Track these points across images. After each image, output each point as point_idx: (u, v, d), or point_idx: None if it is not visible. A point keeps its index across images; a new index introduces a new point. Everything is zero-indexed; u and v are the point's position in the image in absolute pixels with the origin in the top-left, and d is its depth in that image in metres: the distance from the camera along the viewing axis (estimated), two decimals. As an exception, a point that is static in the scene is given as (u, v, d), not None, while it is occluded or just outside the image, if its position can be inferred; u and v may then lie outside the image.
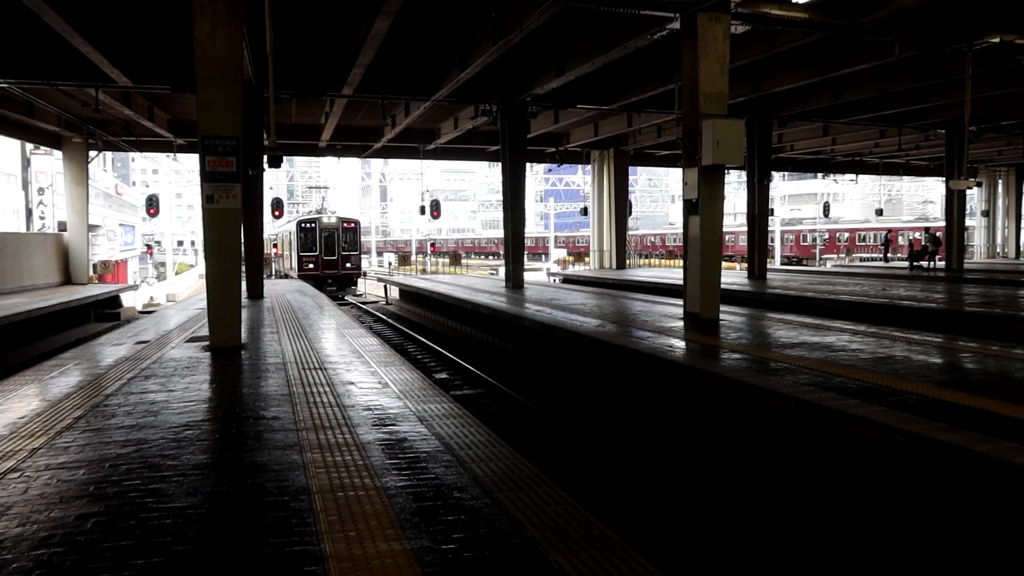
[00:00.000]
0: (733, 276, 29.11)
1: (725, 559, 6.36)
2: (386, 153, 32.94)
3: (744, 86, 21.16)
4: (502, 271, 25.08)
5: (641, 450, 9.47)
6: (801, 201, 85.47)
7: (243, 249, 18.00)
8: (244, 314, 14.41)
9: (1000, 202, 44.97)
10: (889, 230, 50.10)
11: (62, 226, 30.19)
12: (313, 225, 36.12)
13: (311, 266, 35.50)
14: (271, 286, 26.49)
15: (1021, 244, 44.18)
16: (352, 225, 37.00)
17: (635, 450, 9.49)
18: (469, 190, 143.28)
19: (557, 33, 16.81)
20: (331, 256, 36.11)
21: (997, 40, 15.48)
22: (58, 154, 28.02)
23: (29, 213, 34.71)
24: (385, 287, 34.87)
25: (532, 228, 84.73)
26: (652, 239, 77.70)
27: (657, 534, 6.88)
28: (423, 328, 24.27)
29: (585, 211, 37.01)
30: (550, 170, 69.95)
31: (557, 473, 8.56)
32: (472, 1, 14.94)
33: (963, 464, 5.70)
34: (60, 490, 4.72)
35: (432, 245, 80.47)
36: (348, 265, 36.37)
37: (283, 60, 15.29)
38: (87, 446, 5.73)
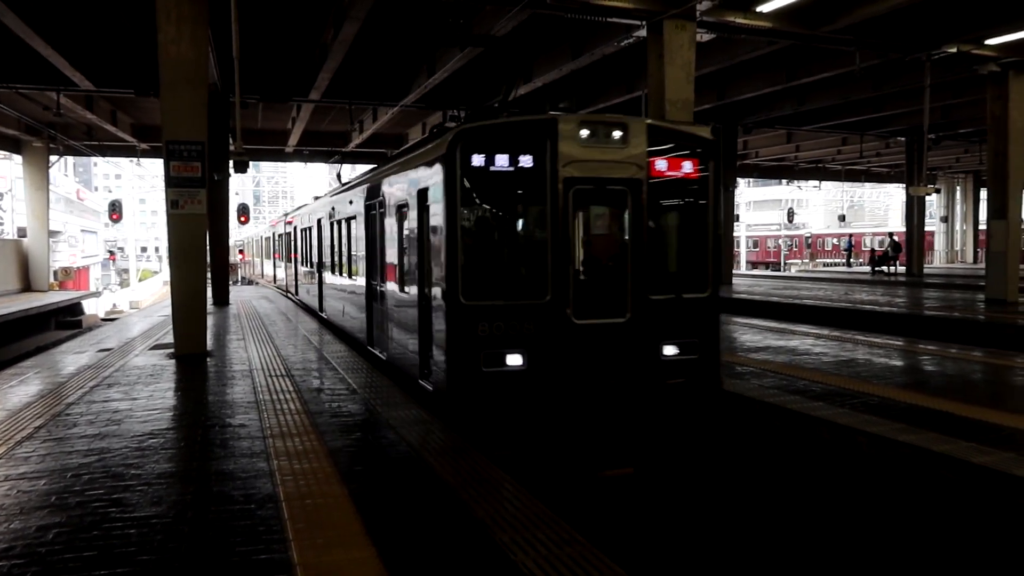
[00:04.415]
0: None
1: (693, 557, 6.40)
2: (354, 158, 32.76)
3: (710, 94, 21.42)
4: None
5: (607, 451, 9.50)
6: (766, 207, 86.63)
7: (208, 255, 17.79)
8: (210, 321, 14.24)
9: (959, 208, 46.01)
10: (851, 235, 50.95)
11: (22, 232, 29.61)
12: (533, 162, 7.16)
13: (515, 362, 7.12)
14: (236, 293, 26.20)
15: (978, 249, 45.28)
16: (689, 170, 7.68)
17: (600, 451, 9.51)
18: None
19: (525, 40, 16.88)
20: (613, 290, 7.51)
21: (954, 50, 15.87)
22: (18, 158, 27.54)
23: (-13, 219, 34.00)
24: None
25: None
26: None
27: (622, 537, 6.90)
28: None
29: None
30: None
31: (524, 478, 8.56)
32: (440, 7, 14.95)
33: (924, 464, 5.84)
34: (20, 501, 4.63)
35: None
36: (676, 340, 7.62)
37: (249, 64, 15.13)
38: (48, 456, 5.63)
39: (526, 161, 7.07)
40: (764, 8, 13.33)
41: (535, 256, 7.24)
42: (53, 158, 27.04)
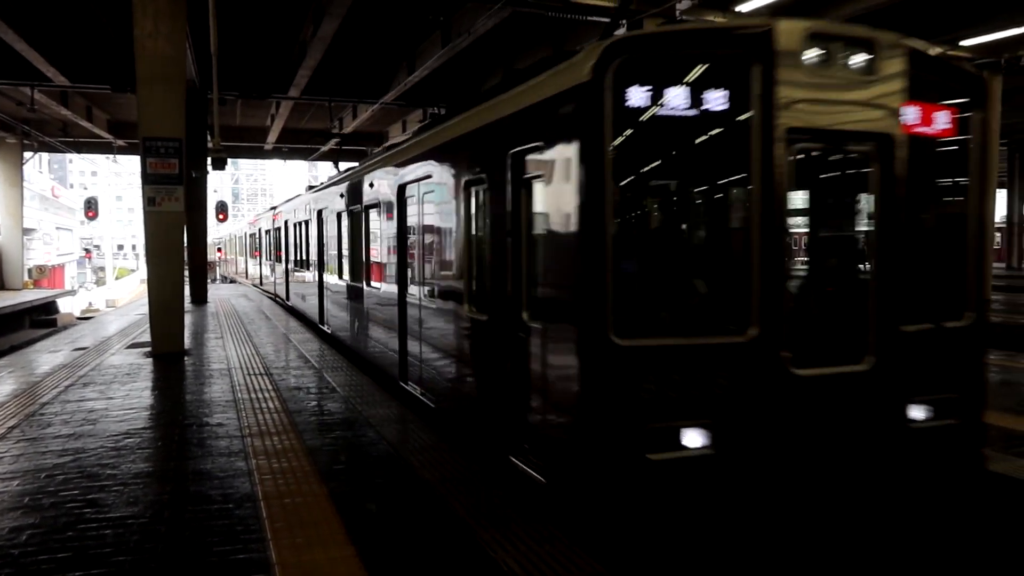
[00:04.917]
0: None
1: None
2: (333, 156, 32.65)
3: (690, 93, 21.53)
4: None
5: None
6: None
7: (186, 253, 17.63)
8: (187, 319, 14.12)
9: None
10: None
11: (-5, 229, 29.18)
12: (729, 101, 4.13)
13: (696, 443, 4.12)
14: (214, 291, 26.00)
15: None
16: (952, 126, 4.77)
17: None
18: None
19: (505, 38, 16.88)
20: (847, 319, 4.63)
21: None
22: (-10, 155, 27.11)
23: (-41, 216, 33.46)
24: None
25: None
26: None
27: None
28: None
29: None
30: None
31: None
32: (420, 4, 14.92)
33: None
34: (-7, 502, 4.56)
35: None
36: (930, 397, 4.68)
37: (228, 61, 15.02)
38: (21, 456, 5.55)
39: (718, 100, 4.10)
40: (743, 8, 13.41)
41: (729, 263, 4.38)
42: (27, 154, 26.74)
